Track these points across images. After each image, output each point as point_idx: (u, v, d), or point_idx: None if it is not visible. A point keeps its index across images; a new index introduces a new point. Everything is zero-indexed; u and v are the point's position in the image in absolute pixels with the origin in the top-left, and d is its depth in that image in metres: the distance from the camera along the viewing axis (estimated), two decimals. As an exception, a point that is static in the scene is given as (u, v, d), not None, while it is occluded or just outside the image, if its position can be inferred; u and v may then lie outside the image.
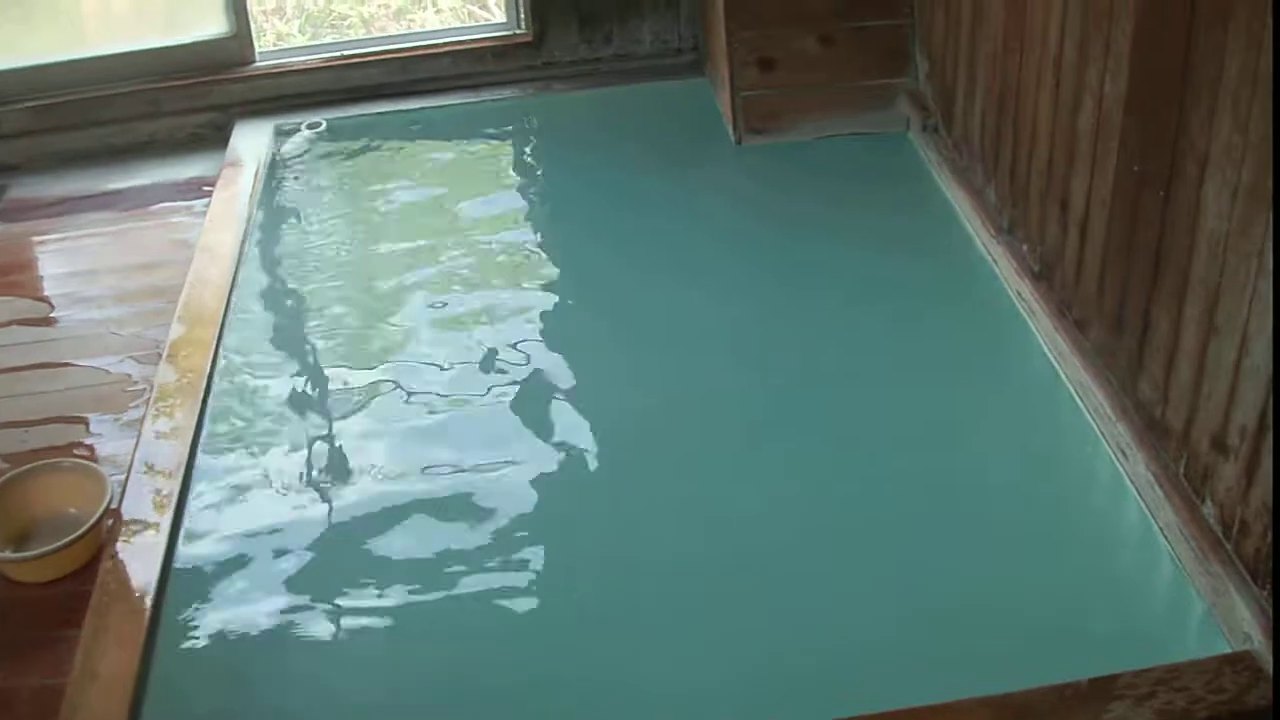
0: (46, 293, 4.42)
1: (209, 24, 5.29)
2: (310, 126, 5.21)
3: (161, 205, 4.85)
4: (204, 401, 3.66)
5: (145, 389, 3.74)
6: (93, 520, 3.10)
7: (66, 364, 3.96)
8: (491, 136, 5.19)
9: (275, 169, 5.01)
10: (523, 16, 5.35)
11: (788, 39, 4.68)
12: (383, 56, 5.39)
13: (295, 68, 5.36)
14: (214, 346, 3.89)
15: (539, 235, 4.53)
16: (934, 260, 4.08)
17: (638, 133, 5.05)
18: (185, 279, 4.22)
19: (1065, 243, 3.45)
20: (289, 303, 4.22)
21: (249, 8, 5.30)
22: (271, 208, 4.77)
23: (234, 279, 4.24)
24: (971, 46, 4.08)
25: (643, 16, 5.31)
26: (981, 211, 4.04)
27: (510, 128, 5.23)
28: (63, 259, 4.63)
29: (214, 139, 5.24)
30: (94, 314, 4.19)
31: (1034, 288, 3.64)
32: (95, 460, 3.41)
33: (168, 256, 4.44)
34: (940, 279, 4.00)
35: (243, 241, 4.45)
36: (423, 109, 5.30)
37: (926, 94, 4.61)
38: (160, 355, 3.86)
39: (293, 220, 4.70)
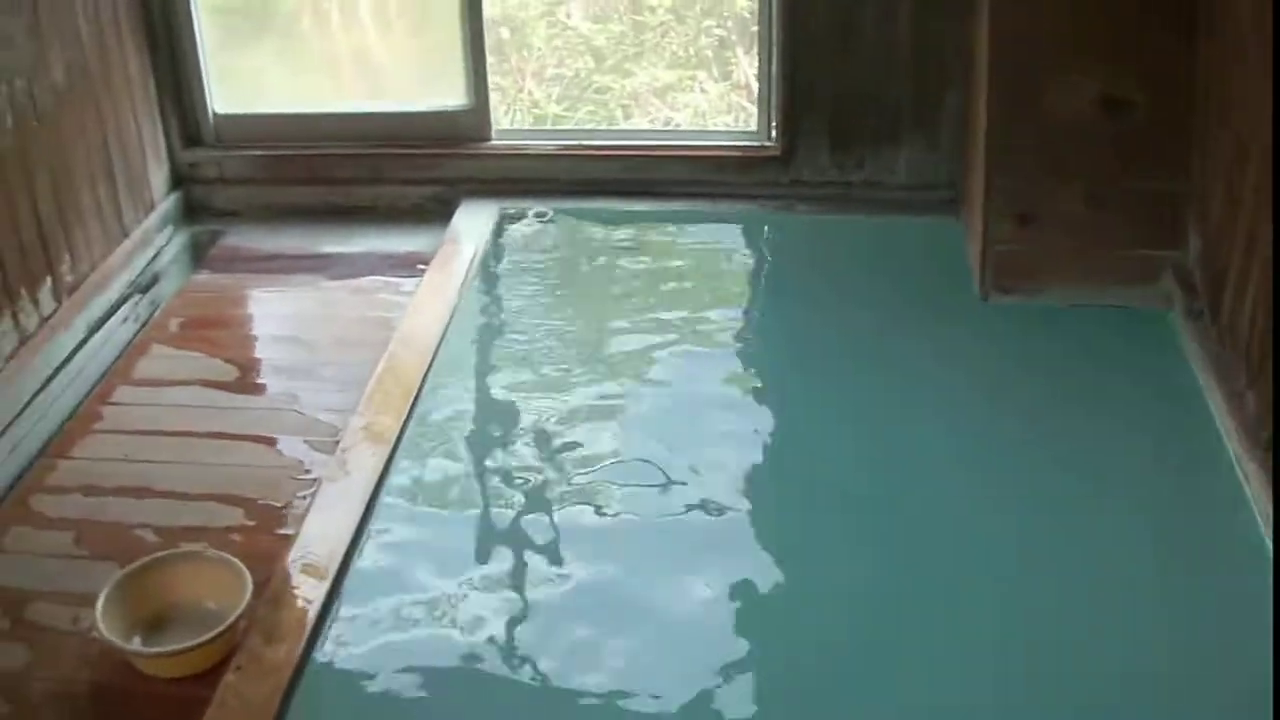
0: (237, 355, 4.30)
1: (450, 94, 5.18)
2: (537, 215, 5.02)
3: (371, 278, 4.73)
4: (368, 509, 3.43)
5: (315, 480, 3.55)
6: (226, 624, 2.98)
7: (241, 437, 3.84)
8: (723, 249, 4.92)
9: (494, 255, 4.82)
10: (774, 129, 5.10)
11: (1051, 194, 4.33)
12: (621, 153, 5.20)
13: (529, 151, 5.20)
14: (390, 450, 3.66)
15: (753, 361, 4.27)
16: (1177, 466, 3.66)
17: (876, 268, 4.72)
18: (377, 365, 4.02)
19: (1332, 478, 3.05)
20: (480, 411, 3.97)
21: (489, 79, 5.17)
22: (483, 298, 4.58)
23: (426, 376, 4.01)
24: (1250, 229, 3.68)
25: (899, 145, 5.00)
26: (1240, 419, 3.62)
27: (744, 243, 4.97)
28: (261, 322, 4.58)
29: (437, 213, 5.09)
30: (280, 386, 4.09)
31: (1291, 522, 3.23)
32: (246, 551, 3.23)
33: (366, 336, 4.29)
34: (1182, 490, 3.58)
35: (444, 333, 4.23)
36: (656, 211, 5.07)
37: (1195, 274, 4.20)
38: (335, 445, 3.67)
39: (502, 314, 4.49)
